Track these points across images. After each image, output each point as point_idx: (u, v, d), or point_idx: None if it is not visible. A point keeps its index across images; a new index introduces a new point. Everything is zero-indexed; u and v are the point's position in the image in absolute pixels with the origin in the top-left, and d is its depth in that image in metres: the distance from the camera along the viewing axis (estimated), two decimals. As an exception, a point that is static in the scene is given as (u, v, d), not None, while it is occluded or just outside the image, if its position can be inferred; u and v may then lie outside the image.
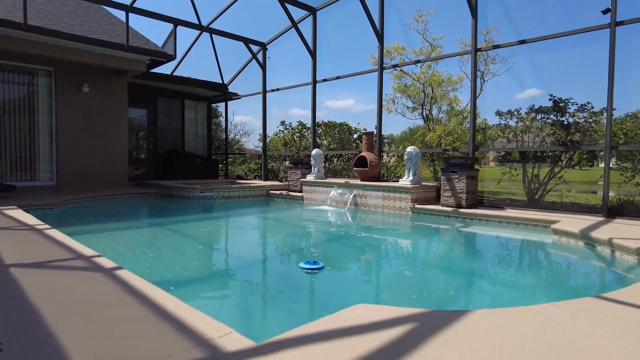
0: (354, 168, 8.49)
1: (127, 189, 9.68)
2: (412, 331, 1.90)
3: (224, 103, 13.44)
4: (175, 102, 12.86)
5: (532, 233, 5.71)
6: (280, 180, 12.29)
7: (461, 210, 6.67)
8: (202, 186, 9.36)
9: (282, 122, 13.03)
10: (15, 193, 8.22)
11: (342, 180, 8.57)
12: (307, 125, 12.49)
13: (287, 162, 13.25)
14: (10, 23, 7.50)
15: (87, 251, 3.47)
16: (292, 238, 6.18)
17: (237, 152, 16.14)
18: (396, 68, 10.20)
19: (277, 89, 11.34)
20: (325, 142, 11.96)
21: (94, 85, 10.14)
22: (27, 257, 3.26)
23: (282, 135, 13.36)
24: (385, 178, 9.29)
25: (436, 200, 7.79)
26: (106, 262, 3.07)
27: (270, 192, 9.97)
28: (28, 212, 6.01)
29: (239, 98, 12.98)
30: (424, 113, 10.97)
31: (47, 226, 4.69)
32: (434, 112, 11.15)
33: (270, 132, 13.21)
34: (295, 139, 12.73)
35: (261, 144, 14.14)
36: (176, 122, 12.96)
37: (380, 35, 8.74)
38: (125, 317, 2.04)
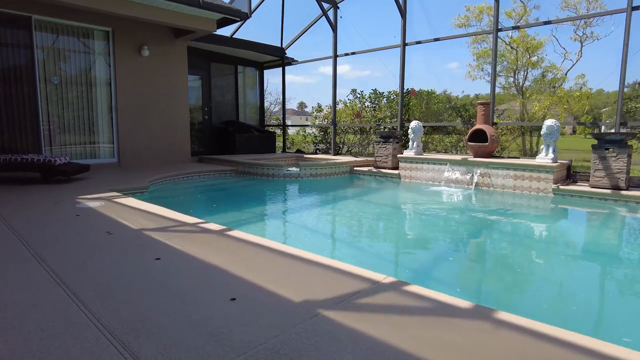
0: (469, 143, 7.66)
1: (197, 166, 8.71)
2: None
3: (279, 68, 12.19)
4: (229, 68, 11.58)
5: None
6: (355, 155, 11.37)
7: (623, 192, 5.97)
8: (286, 163, 8.46)
9: (353, 91, 11.92)
10: (88, 173, 7.26)
11: (458, 157, 7.74)
12: (383, 93, 11.44)
13: (347, 134, 12.32)
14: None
15: (359, 270, 2.62)
16: (498, 232, 5.17)
17: (300, 123, 14.95)
18: (517, 30, 9.14)
19: (353, 53, 10.19)
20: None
21: (153, 48, 8.90)
22: (299, 289, 2.42)
23: (341, 106, 12.32)
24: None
25: (567, 179, 7.10)
26: (433, 294, 2.26)
27: (354, 168, 9.11)
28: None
29: (297, 63, 11.80)
30: (516, 81, 10.06)
31: (223, 226, 3.79)
32: (522, 79, 10.27)
33: (322, 103, 12.18)
34: (366, 108, 11.69)
35: (315, 113, 13.13)
36: (229, 90, 11.74)
37: (496, -8, 7.69)
38: None
